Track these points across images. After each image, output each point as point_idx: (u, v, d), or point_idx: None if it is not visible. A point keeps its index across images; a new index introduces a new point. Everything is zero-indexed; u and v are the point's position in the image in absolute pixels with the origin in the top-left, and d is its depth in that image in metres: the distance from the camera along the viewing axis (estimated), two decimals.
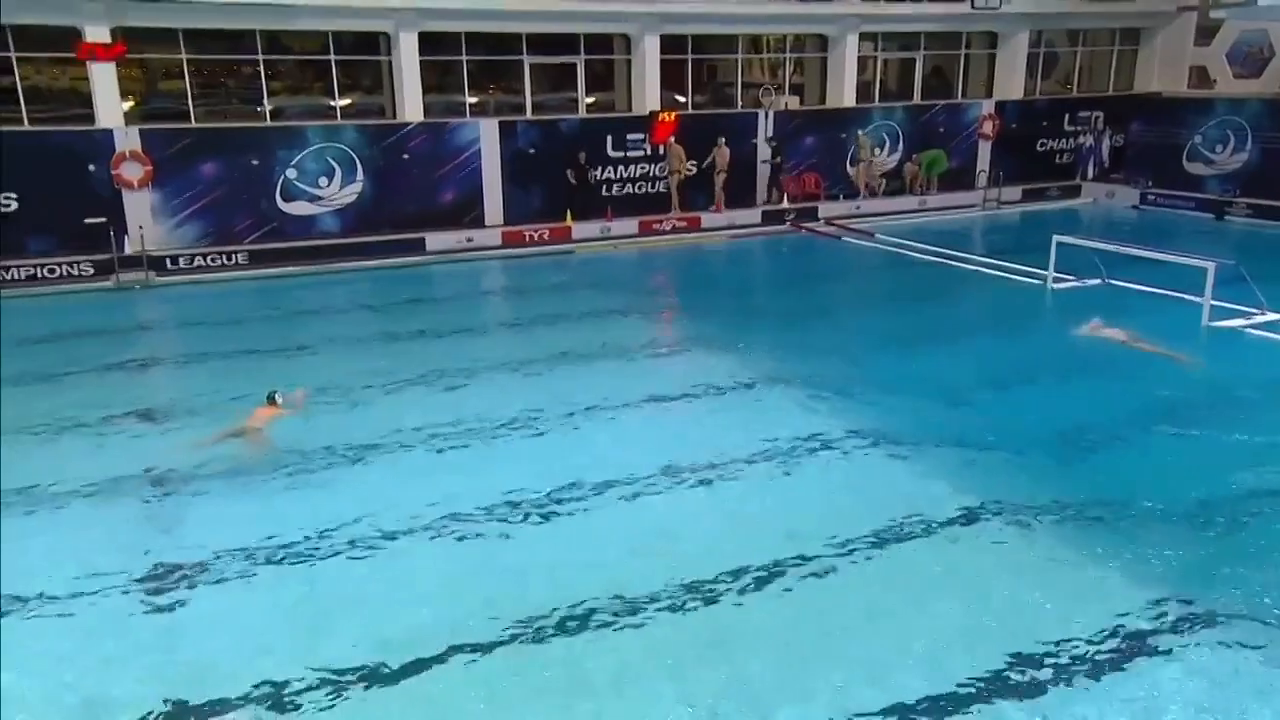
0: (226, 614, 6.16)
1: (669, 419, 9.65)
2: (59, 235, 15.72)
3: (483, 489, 7.74)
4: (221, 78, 18.11)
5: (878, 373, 10.88)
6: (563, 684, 5.38)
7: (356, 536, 7.05)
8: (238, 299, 15.09)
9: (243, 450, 8.38)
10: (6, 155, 15.22)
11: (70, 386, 10.60)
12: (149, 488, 7.99)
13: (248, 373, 10.96)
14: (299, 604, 6.27)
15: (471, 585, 6.41)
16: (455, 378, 10.81)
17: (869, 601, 6.17)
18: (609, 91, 20.94)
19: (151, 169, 16.09)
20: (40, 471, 8.17)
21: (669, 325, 14.42)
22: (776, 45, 22.55)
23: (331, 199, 17.65)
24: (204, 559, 6.75)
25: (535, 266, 17.64)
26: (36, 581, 6.44)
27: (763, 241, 19.80)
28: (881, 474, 8.15)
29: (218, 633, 5.92)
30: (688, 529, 7.22)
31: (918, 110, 22.81)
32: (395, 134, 17.97)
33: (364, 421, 9.36)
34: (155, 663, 5.62)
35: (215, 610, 6.21)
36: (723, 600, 6.18)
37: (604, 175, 19.75)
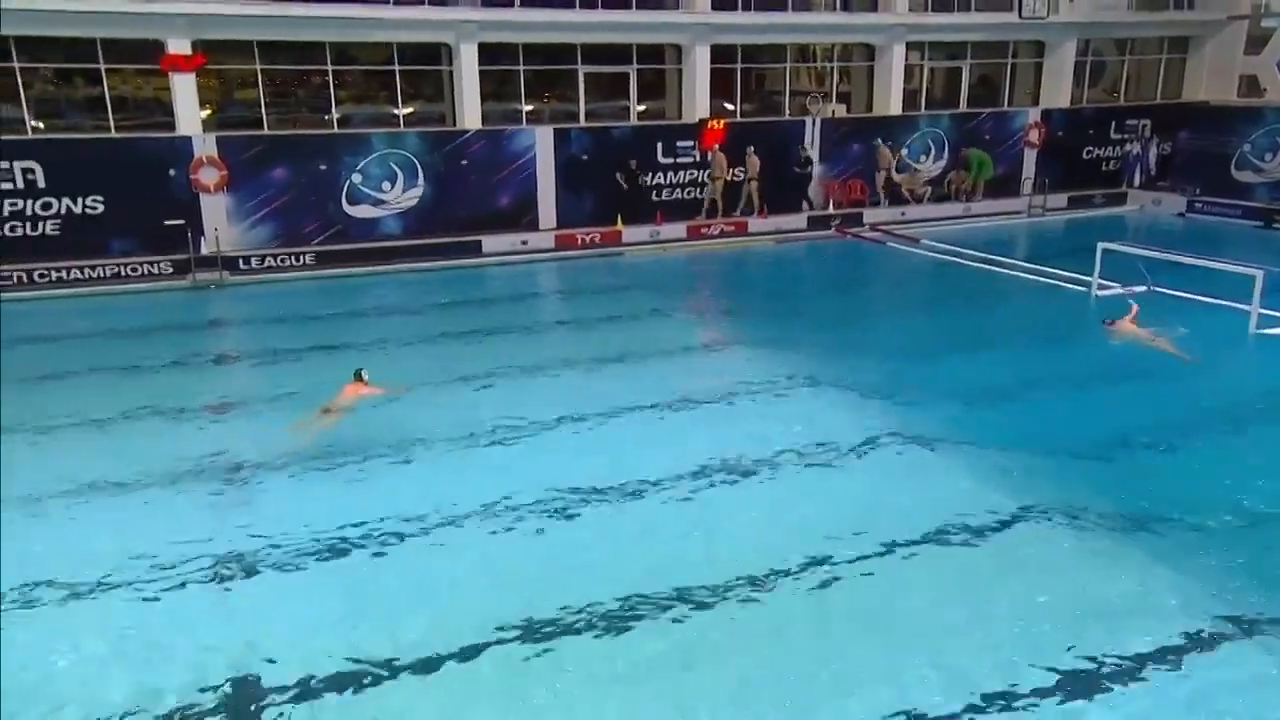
0: (287, 596, 6.39)
1: (714, 417, 9.77)
2: (141, 236, 16.32)
3: (533, 482, 7.90)
4: (292, 87, 18.63)
5: (921, 375, 10.91)
6: (614, 671, 5.51)
7: (413, 526, 7.26)
8: (305, 298, 15.55)
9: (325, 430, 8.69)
10: (94, 161, 15.91)
11: (151, 378, 11.06)
12: (223, 474, 8.33)
13: (315, 367, 11.38)
14: (359, 587, 6.48)
15: (520, 574, 6.58)
16: (509, 374, 11.06)
17: (907, 603, 6.19)
18: (660, 100, 21.15)
19: (227, 174, 16.65)
20: (122, 458, 8.55)
21: (715, 326, 14.57)
22: (824, 54, 22.58)
23: (394, 203, 18.08)
24: (272, 542, 7.01)
25: (586, 269, 17.90)
26: (114, 562, 6.72)
27: (808, 246, 19.86)
28: (924, 475, 8.18)
29: (278, 613, 6.15)
30: (731, 525, 7.31)
31: (963, 118, 22.66)
32: (455, 141, 18.34)
33: (423, 415, 9.59)
34: (220, 640, 5.86)
35: (276, 591, 6.45)
36: (765, 596, 6.25)
37: (654, 181, 19.95)
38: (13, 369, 10.97)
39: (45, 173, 15.54)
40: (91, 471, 8.22)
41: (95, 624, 6.06)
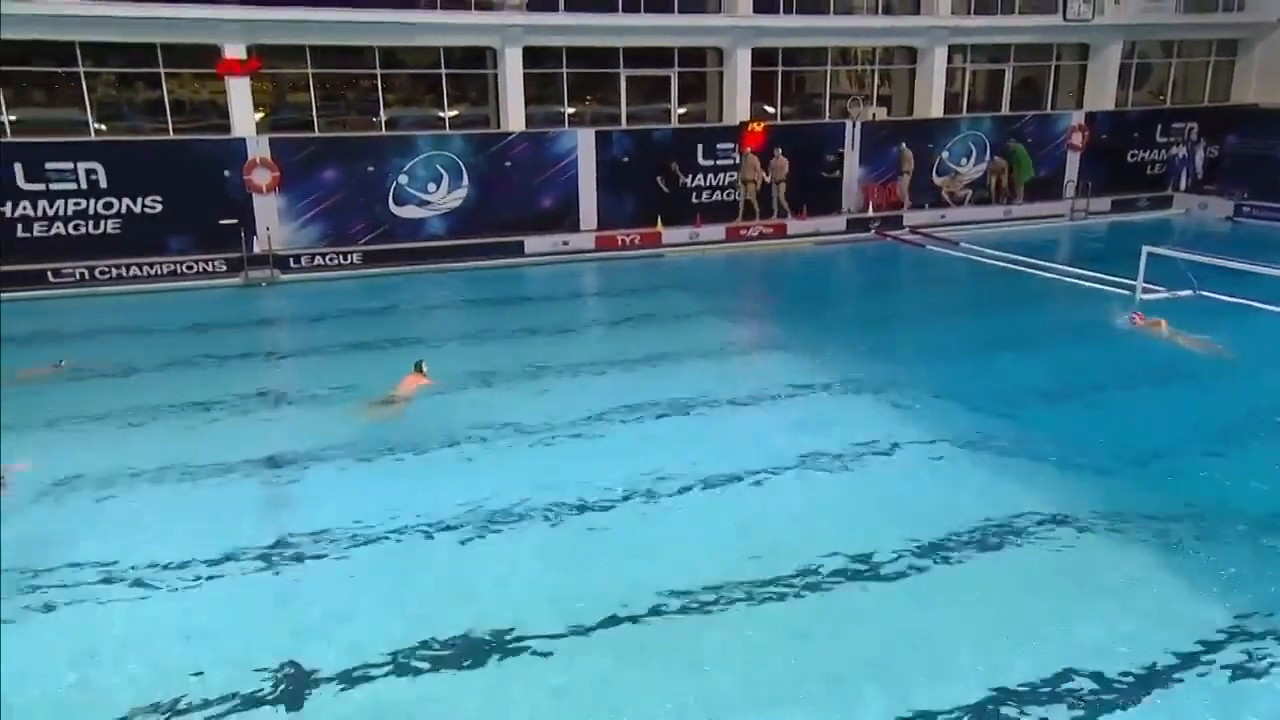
0: (337, 583, 6.49)
1: (751, 418, 9.77)
2: (196, 235, 16.67)
3: (572, 480, 7.95)
4: (342, 90, 18.93)
5: (961, 378, 10.79)
6: (650, 664, 5.54)
7: (456, 519, 7.34)
8: (352, 296, 15.77)
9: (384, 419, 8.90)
10: (154, 162, 16.31)
11: (204, 372, 11.31)
12: (273, 464, 8.51)
13: (362, 363, 11.61)
14: (408, 577, 6.58)
15: (559, 569, 6.63)
16: (549, 373, 11.14)
17: (938, 607, 6.13)
18: (700, 102, 21.15)
19: (279, 175, 16.96)
20: (175, 447, 8.79)
21: (753, 327, 14.55)
22: (865, 57, 22.42)
23: (439, 203, 18.29)
24: (320, 531, 7.14)
25: (626, 269, 17.96)
26: (171, 546, 6.92)
27: (847, 249, 19.72)
28: (962, 478, 8.10)
29: (327, 600, 6.26)
30: (768, 524, 7.29)
31: (1005, 121, 22.35)
32: (499, 143, 18.50)
33: (464, 412, 9.69)
34: (270, 624, 5.99)
35: (326, 579, 6.55)
36: (798, 596, 6.24)
37: (694, 183, 19.96)
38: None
39: (107, 173, 15.96)
40: (150, 459, 8.44)
41: (153, 606, 6.23)
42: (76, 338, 12.62)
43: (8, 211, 15.52)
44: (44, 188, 15.66)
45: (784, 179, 19.87)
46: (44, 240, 15.80)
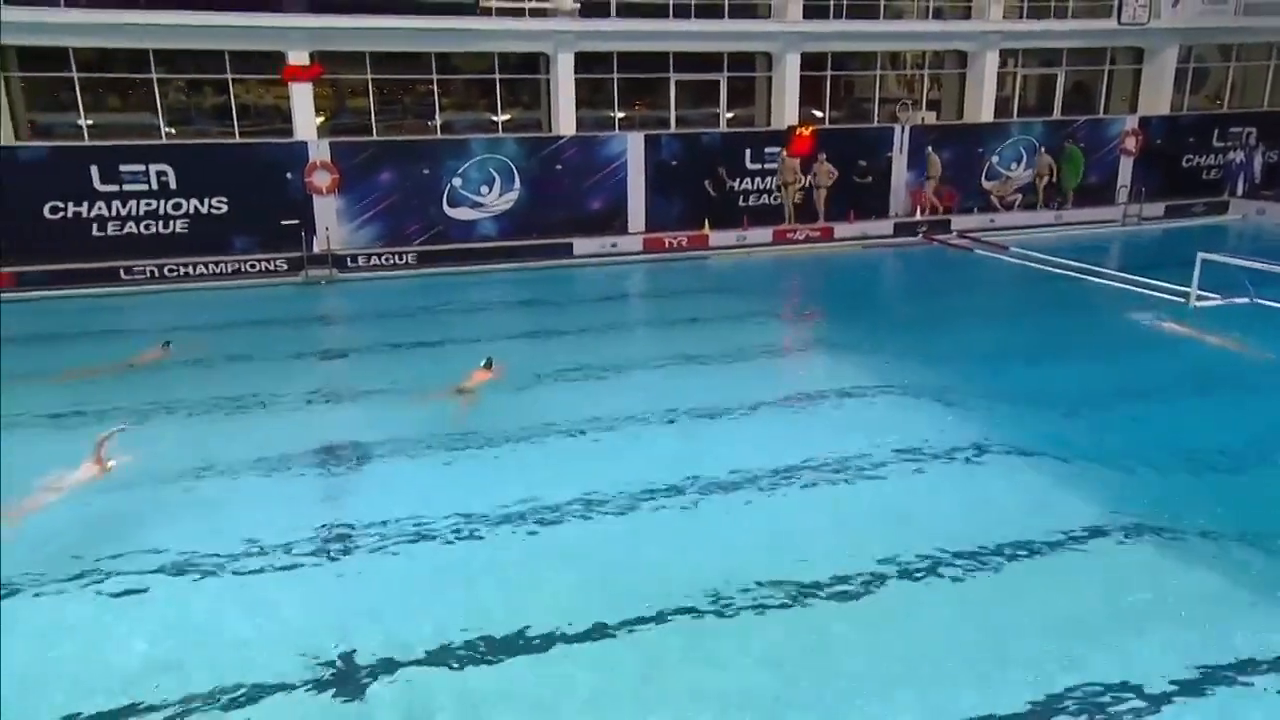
0: (392, 574, 6.61)
1: (795, 420, 9.75)
2: (259, 235, 17.11)
3: (618, 479, 7.98)
4: (399, 95, 19.30)
5: (1008, 384, 10.67)
6: (687, 661, 5.57)
7: (505, 515, 7.43)
8: (407, 295, 16.06)
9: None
10: (220, 164, 16.80)
11: (266, 367, 11.59)
12: (331, 457, 8.72)
13: (419, 360, 11.85)
14: (459, 569, 6.66)
15: (600, 566, 6.66)
16: (596, 372, 11.21)
17: (982, 613, 6.06)
18: (749, 107, 21.14)
19: (338, 177, 17.34)
20: (237, 441, 8.98)
21: (799, 330, 14.52)
22: (915, 62, 22.22)
23: (491, 206, 18.54)
24: (377, 523, 7.28)
25: (673, 271, 18.01)
26: (235, 536, 7.06)
27: (894, 253, 19.57)
28: (1009, 483, 8.00)
29: (383, 590, 6.38)
30: (810, 526, 7.27)
31: (1057, 125, 21.97)
32: (550, 146, 18.70)
33: (516, 410, 9.80)
34: (327, 613, 6.12)
35: (381, 570, 6.67)
36: (835, 600, 6.21)
37: (741, 186, 19.96)
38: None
39: (176, 175, 16.47)
40: (215, 453, 8.68)
41: (218, 595, 6.40)
42: (148, 333, 13.04)
43: (84, 211, 16.11)
44: (118, 189, 16.23)
45: (828, 184, 19.77)
46: (117, 239, 16.37)
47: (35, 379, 10.76)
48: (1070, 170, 21.32)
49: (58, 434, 9.18)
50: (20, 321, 13.41)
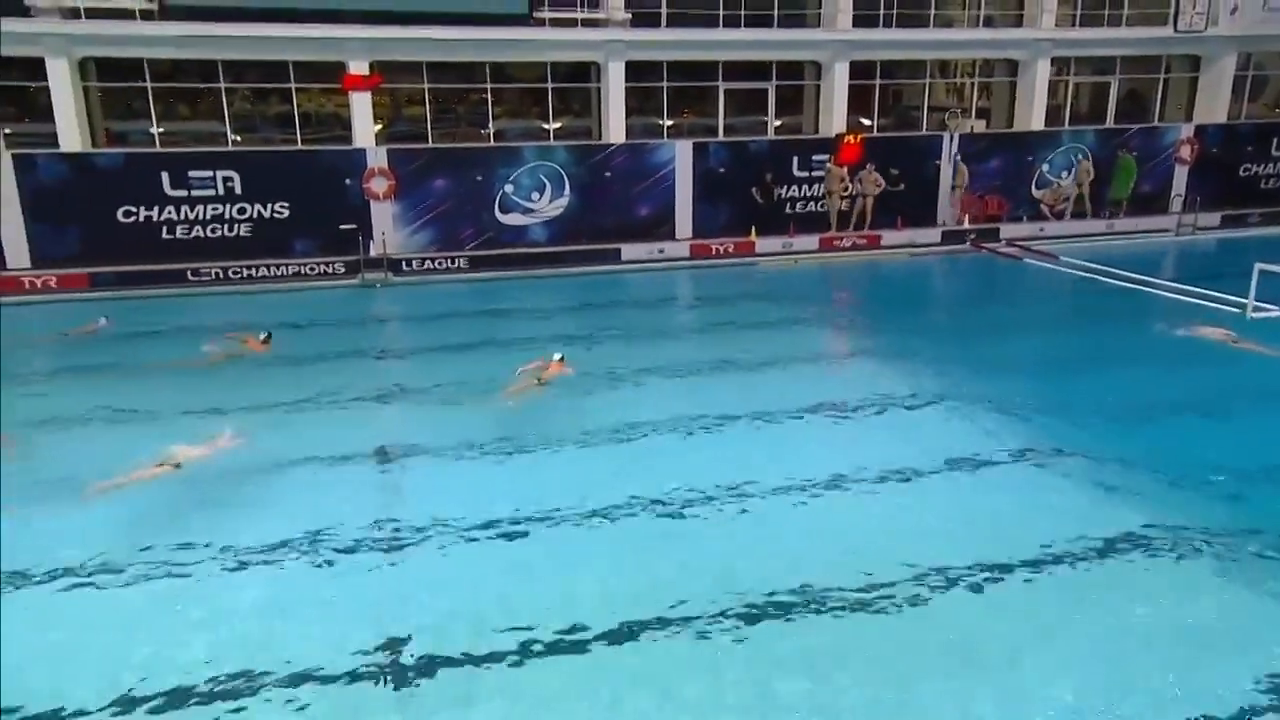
0: (443, 569, 6.74)
1: (840, 427, 9.72)
2: (318, 239, 17.53)
3: (660, 480, 8.04)
4: (454, 104, 19.63)
5: (1056, 394, 10.51)
6: (731, 665, 5.59)
7: (550, 514, 7.53)
8: (459, 298, 16.32)
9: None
10: (283, 170, 17.27)
11: (326, 367, 11.87)
12: (387, 453, 8.92)
13: (469, 360, 12.04)
14: (508, 566, 6.78)
15: (642, 567, 6.70)
16: (642, 376, 11.27)
17: (1023, 622, 6.00)
18: (797, 115, 21.12)
19: (395, 183, 17.71)
20: (301, 439, 9.22)
21: (845, 337, 14.45)
22: (965, 70, 22.01)
23: (542, 212, 18.77)
24: (430, 518, 7.44)
25: (719, 277, 18.04)
26: (293, 530, 7.27)
27: (941, 260, 19.40)
28: (1055, 493, 7.90)
29: (435, 584, 6.51)
30: (851, 533, 7.25)
31: (1109, 134, 21.59)
32: (600, 153, 18.88)
33: (565, 411, 9.91)
34: (380, 604, 6.26)
35: (433, 564, 6.82)
36: (875, 606, 6.18)
37: (788, 193, 19.95)
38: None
39: (242, 181, 16.96)
40: (284, 446, 8.96)
41: (275, 585, 6.59)
42: (217, 331, 13.46)
43: (155, 215, 16.67)
44: (186, 194, 16.75)
45: (874, 193, 19.66)
46: (185, 242, 16.89)
47: (111, 372, 11.21)
48: (1122, 180, 20.93)
49: (130, 427, 9.54)
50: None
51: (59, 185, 16.14)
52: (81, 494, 7.52)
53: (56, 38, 15.87)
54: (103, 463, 8.01)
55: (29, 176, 15.96)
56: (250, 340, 12.14)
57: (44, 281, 15.88)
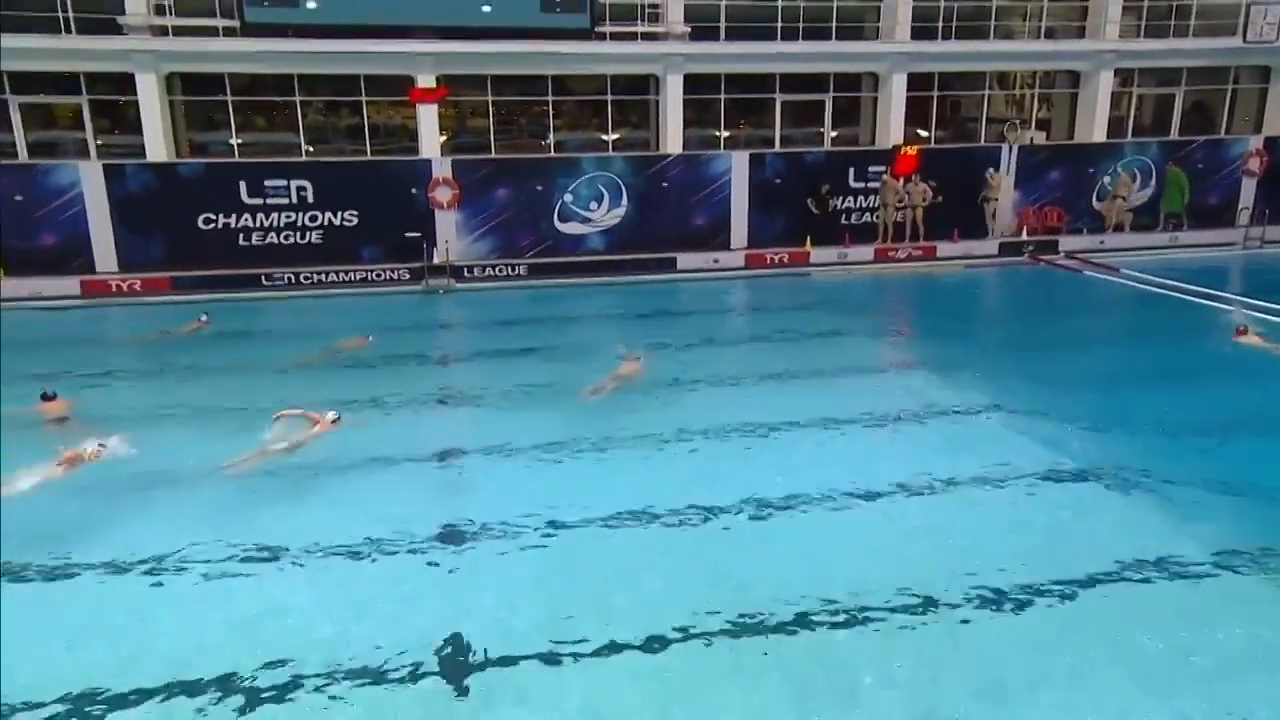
0: (501, 571, 6.86)
1: (894, 436, 9.68)
2: (385, 246, 18.00)
3: (724, 486, 8.07)
4: (516, 115, 20.04)
5: (1113, 409, 10.32)
6: (772, 672, 5.60)
7: (608, 518, 7.59)
8: (519, 304, 16.65)
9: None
10: (353, 180, 17.81)
11: (388, 370, 12.14)
12: (448, 456, 9.17)
13: (530, 364, 12.29)
14: (564, 569, 6.85)
15: (686, 576, 6.71)
16: (696, 383, 11.34)
17: (1073, 644, 5.84)
18: (854, 126, 21.08)
19: (458, 193, 18.13)
20: (358, 442, 9.33)
21: (898, 347, 14.38)
22: (1024, 81, 21.73)
23: (600, 221, 19.03)
24: (487, 520, 7.57)
25: (774, 287, 18.06)
26: (354, 529, 7.41)
27: (998, 272, 19.17)
28: (1109, 510, 7.76)
29: (490, 586, 6.60)
30: (903, 544, 7.21)
31: (1174, 146, 21.10)
32: (657, 164, 19.07)
33: (619, 418, 9.98)
34: (438, 604, 6.37)
35: (490, 566, 6.92)
36: (923, 618, 6.14)
37: (844, 204, 19.91)
38: (287, 358, 12.49)
39: (314, 189, 17.53)
40: (343, 450, 9.10)
41: (338, 583, 6.74)
42: (291, 335, 13.99)
43: (232, 222, 17.34)
44: (262, 202, 17.39)
45: (923, 204, 19.50)
46: (259, 248, 17.53)
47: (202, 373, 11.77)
48: (1173, 193, 20.45)
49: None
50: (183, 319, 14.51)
51: (145, 193, 16.89)
52: (221, 467, 8.04)
53: (146, 54, 16.65)
54: (209, 450, 8.44)
55: (117, 185, 16.74)
56: (353, 342, 12.76)
57: (129, 285, 16.62)
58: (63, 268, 16.58)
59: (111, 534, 7.34)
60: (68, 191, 16.51)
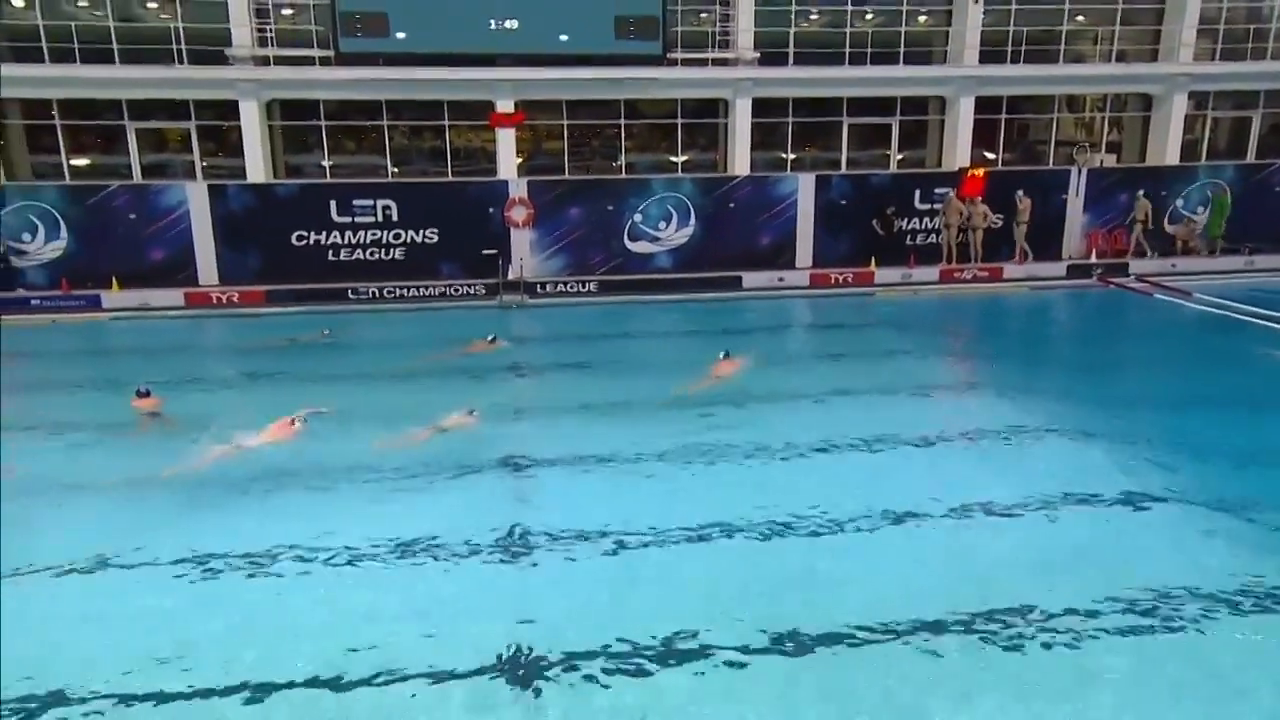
0: (566, 579, 6.96)
1: (958, 457, 9.62)
2: (463, 262, 18.67)
3: (775, 502, 8.10)
4: (589, 138, 20.59)
5: (1185, 434, 10.05)
6: (826, 694, 5.59)
7: (661, 528, 7.71)
8: (589, 320, 17.05)
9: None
10: (434, 200, 18.55)
11: (469, 382, 12.52)
12: (514, 466, 9.34)
13: (598, 377, 12.64)
14: (628, 578, 6.94)
15: (753, 585, 6.75)
16: (759, 399, 11.40)
17: (1126, 669, 5.77)
18: (920, 149, 21.08)
19: (533, 212, 18.73)
20: (431, 449, 9.76)
21: (962, 368, 14.30)
22: (1095, 104, 21.45)
23: (668, 240, 19.40)
24: (552, 530, 7.71)
25: (838, 306, 18.09)
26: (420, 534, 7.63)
27: (1066, 295, 18.89)
28: (1179, 537, 7.61)
29: (557, 593, 6.71)
30: (968, 565, 7.16)
31: (1250, 169, 20.56)
32: (725, 185, 19.37)
33: (683, 433, 10.11)
34: (504, 609, 6.46)
35: (557, 574, 7.04)
36: (991, 640, 6.08)
37: (909, 225, 19.92)
38: (363, 368, 13.09)
39: (398, 209, 18.31)
40: (417, 454, 9.53)
41: (406, 585, 6.94)
42: (395, 344, 14.66)
43: (323, 239, 18.21)
44: (350, 220, 18.23)
45: (983, 226, 19.36)
46: (346, 264, 18.36)
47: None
48: (1216, 217, 19.92)
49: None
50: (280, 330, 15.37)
51: (244, 212, 17.88)
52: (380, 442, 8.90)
53: (250, 83, 17.68)
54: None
55: (220, 204, 17.76)
56: (482, 344, 13.95)
57: (228, 297, 17.58)
58: (169, 280, 17.64)
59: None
60: (176, 210, 17.59)
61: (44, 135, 18.47)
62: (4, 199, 17.24)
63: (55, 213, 17.37)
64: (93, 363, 14.54)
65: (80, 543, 7.44)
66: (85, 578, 7.00)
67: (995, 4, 19.84)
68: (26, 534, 7.62)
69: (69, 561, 7.17)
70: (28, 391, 11.96)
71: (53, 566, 7.12)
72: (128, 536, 7.57)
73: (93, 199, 17.48)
